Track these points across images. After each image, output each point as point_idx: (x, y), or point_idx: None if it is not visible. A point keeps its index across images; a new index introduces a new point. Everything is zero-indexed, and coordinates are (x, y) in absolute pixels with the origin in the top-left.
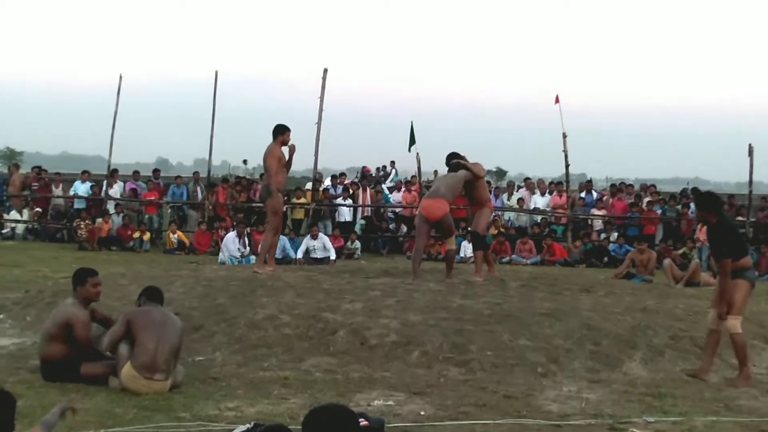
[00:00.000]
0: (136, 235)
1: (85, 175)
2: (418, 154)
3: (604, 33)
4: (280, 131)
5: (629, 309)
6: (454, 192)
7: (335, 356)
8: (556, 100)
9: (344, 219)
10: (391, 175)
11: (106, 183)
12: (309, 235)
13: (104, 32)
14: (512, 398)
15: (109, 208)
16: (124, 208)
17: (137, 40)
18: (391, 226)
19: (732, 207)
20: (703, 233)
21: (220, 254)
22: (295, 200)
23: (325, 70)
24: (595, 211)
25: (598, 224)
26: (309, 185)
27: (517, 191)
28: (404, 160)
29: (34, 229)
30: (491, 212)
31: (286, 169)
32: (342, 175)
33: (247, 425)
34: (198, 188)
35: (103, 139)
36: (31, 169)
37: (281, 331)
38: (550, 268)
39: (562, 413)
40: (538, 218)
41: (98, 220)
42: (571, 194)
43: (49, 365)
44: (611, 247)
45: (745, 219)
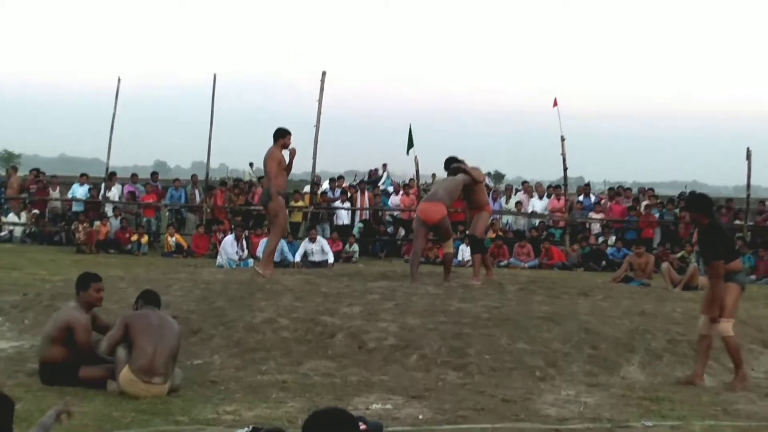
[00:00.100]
0: (134, 238)
1: (83, 177)
2: (416, 157)
3: (603, 36)
4: (281, 134)
5: (627, 313)
6: (452, 196)
7: (333, 360)
8: (555, 103)
9: (342, 222)
10: (383, 178)
11: (104, 186)
12: (307, 239)
13: (102, 35)
14: (510, 402)
15: (107, 211)
16: (122, 211)
17: (135, 43)
18: (389, 230)
19: (730, 211)
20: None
21: (218, 257)
22: (293, 203)
23: (324, 73)
24: (593, 215)
25: (596, 228)
26: (307, 188)
27: (515, 194)
28: (402, 163)
29: (32, 233)
30: (489, 216)
31: (286, 172)
32: (340, 178)
33: (246, 429)
34: (196, 191)
35: (101, 142)
36: (29, 172)
37: (279, 335)
38: (548, 272)
39: (560, 417)
40: (536, 222)
41: (96, 223)
42: (569, 198)
43: (49, 368)
44: (609, 250)
45: (743, 223)
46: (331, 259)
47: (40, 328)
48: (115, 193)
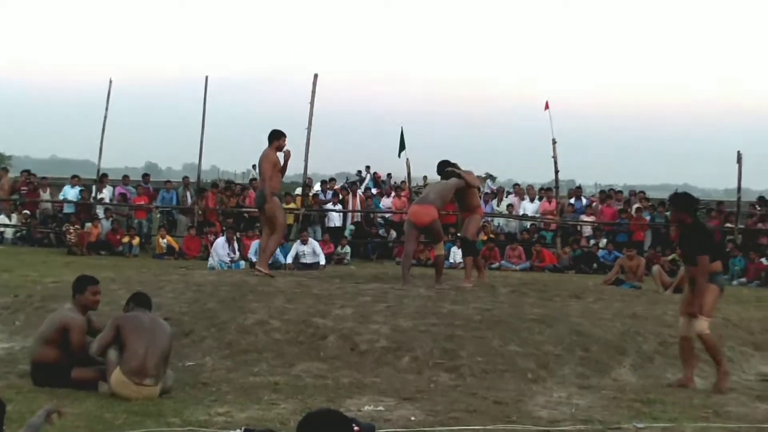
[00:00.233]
0: (125, 239)
1: (74, 179)
2: (407, 159)
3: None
4: (276, 136)
5: (618, 315)
6: (444, 199)
7: (325, 361)
8: (546, 107)
9: (334, 224)
10: (366, 180)
11: (95, 187)
12: (299, 240)
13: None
14: (502, 404)
15: (99, 213)
16: (114, 213)
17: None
18: (380, 232)
19: (721, 214)
20: None
21: (210, 259)
22: (284, 205)
23: (316, 76)
24: (585, 218)
25: (588, 230)
26: (299, 190)
27: (507, 197)
28: (394, 165)
29: (23, 235)
30: (481, 218)
31: (280, 174)
32: (332, 180)
33: (238, 430)
34: (188, 193)
35: (93, 144)
36: (20, 173)
37: (271, 336)
38: (540, 274)
39: (552, 419)
40: (527, 224)
41: (87, 225)
42: (561, 200)
43: (41, 368)
44: (600, 253)
45: (734, 226)
46: (323, 261)
47: (31, 330)
48: (106, 194)
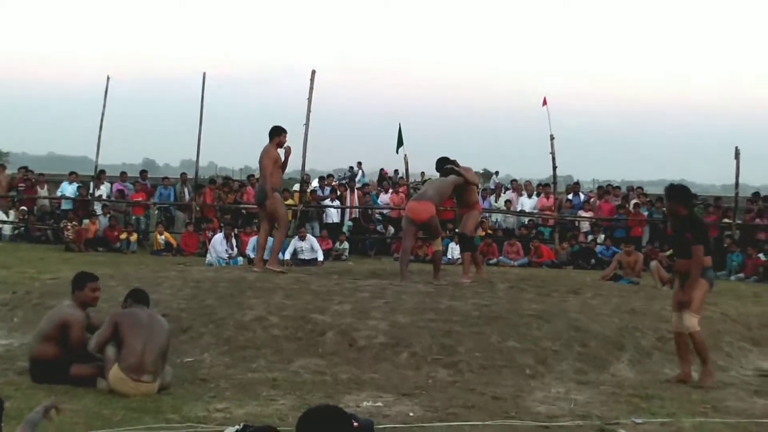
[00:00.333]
0: (123, 236)
1: (72, 176)
2: (405, 155)
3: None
4: (277, 133)
5: (617, 311)
6: (442, 196)
7: (324, 357)
8: (544, 103)
9: (332, 220)
10: (358, 176)
11: (93, 184)
12: (297, 237)
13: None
14: (501, 399)
15: (96, 209)
16: (111, 209)
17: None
18: (378, 228)
19: (719, 209)
20: None
21: (208, 255)
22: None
23: (313, 72)
24: (582, 213)
25: (586, 226)
26: (297, 186)
27: (505, 193)
28: (393, 162)
29: (20, 233)
30: (479, 214)
31: (281, 170)
32: (329, 176)
33: (236, 426)
34: (185, 189)
35: (90, 140)
36: (18, 170)
37: (270, 333)
38: (538, 270)
39: (550, 414)
40: (525, 220)
41: (85, 222)
42: (558, 196)
43: (40, 365)
44: (598, 248)
45: (732, 221)
46: (321, 258)
47: (29, 327)
48: (104, 191)
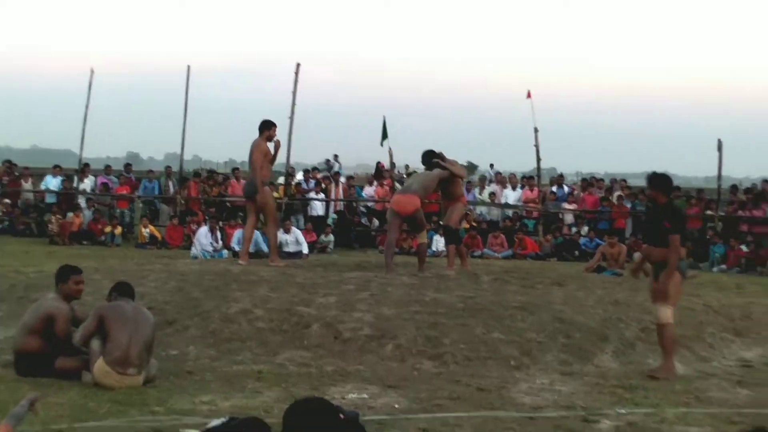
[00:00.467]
0: (108, 229)
1: (56, 169)
2: (390, 148)
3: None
4: (267, 126)
5: (600, 302)
6: (427, 189)
7: (309, 350)
8: (528, 95)
9: (316, 213)
10: (335, 169)
11: (77, 177)
12: (282, 230)
13: (75, 24)
14: (485, 391)
15: (81, 203)
16: (96, 203)
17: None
18: (363, 221)
19: (701, 201)
20: None
21: (193, 248)
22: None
23: (298, 65)
24: (566, 205)
25: (569, 218)
26: (281, 179)
27: (489, 185)
28: (378, 154)
29: (4, 227)
30: (464, 207)
31: (270, 164)
32: (314, 169)
33: (222, 419)
34: (170, 182)
35: (74, 134)
36: (2, 163)
37: (255, 325)
38: (522, 262)
39: (534, 405)
40: (509, 212)
41: (69, 215)
42: (543, 188)
43: (25, 358)
44: (582, 240)
45: (715, 213)
46: (306, 250)
47: (13, 320)
48: (88, 184)
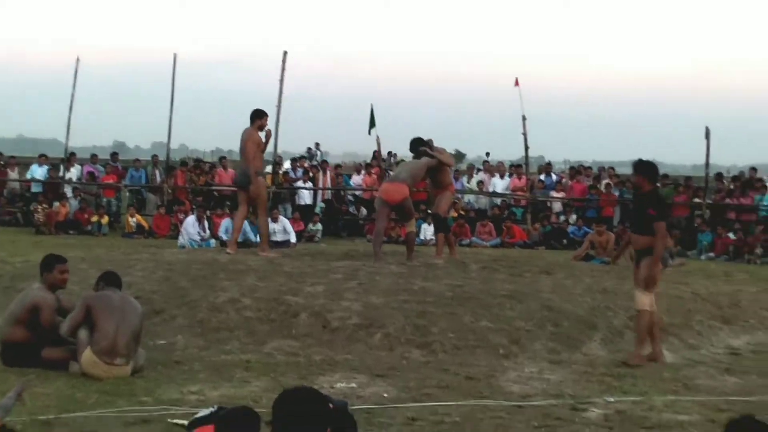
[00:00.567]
0: (94, 218)
1: (42, 158)
2: (378, 136)
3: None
4: (258, 115)
5: (589, 290)
6: (415, 178)
7: (297, 339)
8: (516, 83)
9: (304, 202)
10: (317, 157)
11: (63, 166)
12: (269, 218)
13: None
14: (474, 380)
15: (67, 192)
16: (82, 192)
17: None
18: (351, 209)
19: (689, 189)
20: None
21: (180, 238)
22: None
23: (285, 53)
24: (554, 194)
25: (558, 206)
26: (269, 168)
27: (477, 174)
28: (365, 143)
29: None
30: (453, 195)
31: (262, 153)
32: (302, 158)
33: (211, 408)
34: (157, 171)
35: (60, 123)
36: None
37: (243, 315)
38: (510, 250)
39: (523, 394)
40: (497, 201)
41: (55, 204)
42: (531, 177)
43: (11, 349)
44: (570, 229)
45: (702, 201)
46: (294, 239)
47: (0, 310)
48: (74, 173)
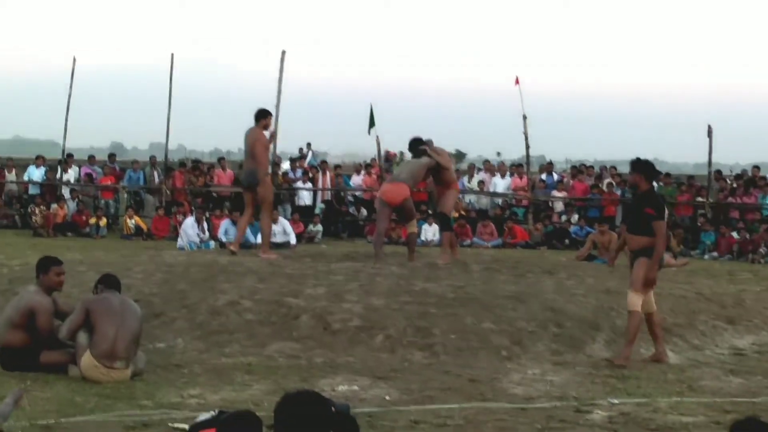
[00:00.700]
0: (93, 220)
1: (39, 160)
2: (377, 136)
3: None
4: (263, 115)
5: (592, 291)
6: (416, 178)
7: (298, 341)
8: (516, 82)
9: (304, 203)
10: (308, 157)
11: (60, 168)
12: None
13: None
14: (477, 382)
15: (65, 194)
16: (80, 194)
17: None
18: (351, 210)
19: (692, 188)
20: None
21: (179, 239)
22: None
23: (284, 53)
24: (556, 193)
25: (559, 206)
26: (268, 169)
27: (478, 173)
28: (365, 143)
29: None
30: (457, 193)
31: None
32: (301, 158)
33: (211, 412)
34: (155, 173)
35: (57, 124)
36: None
37: (243, 317)
38: (512, 251)
39: (526, 396)
40: (499, 201)
41: (53, 206)
42: (532, 176)
43: (9, 353)
44: (572, 228)
45: (705, 200)
46: (294, 240)
47: None
48: (72, 175)
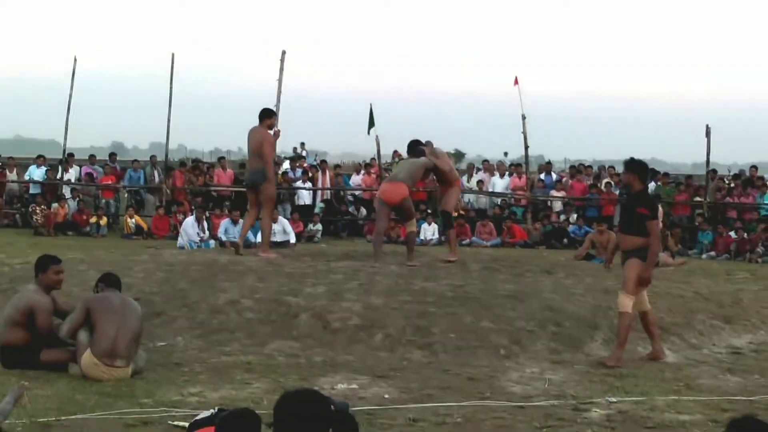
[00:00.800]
0: (93, 220)
1: (40, 159)
2: (377, 137)
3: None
4: (268, 115)
5: (590, 290)
6: (414, 178)
7: (298, 340)
8: (515, 82)
9: (303, 202)
10: (303, 156)
11: (61, 167)
12: None
13: (58, 12)
14: (475, 380)
15: (65, 193)
16: (80, 193)
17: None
18: (350, 209)
19: (689, 188)
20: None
21: (179, 239)
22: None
23: (284, 52)
24: (555, 193)
25: (558, 206)
26: None
27: (477, 173)
28: (364, 143)
29: None
30: (460, 191)
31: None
32: (300, 158)
33: (211, 410)
34: (155, 172)
35: (57, 123)
36: None
37: (243, 316)
38: (511, 250)
39: (525, 395)
40: (497, 200)
41: (54, 205)
42: (531, 176)
43: (9, 351)
44: (571, 228)
45: (703, 200)
46: (293, 240)
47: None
48: (72, 174)
